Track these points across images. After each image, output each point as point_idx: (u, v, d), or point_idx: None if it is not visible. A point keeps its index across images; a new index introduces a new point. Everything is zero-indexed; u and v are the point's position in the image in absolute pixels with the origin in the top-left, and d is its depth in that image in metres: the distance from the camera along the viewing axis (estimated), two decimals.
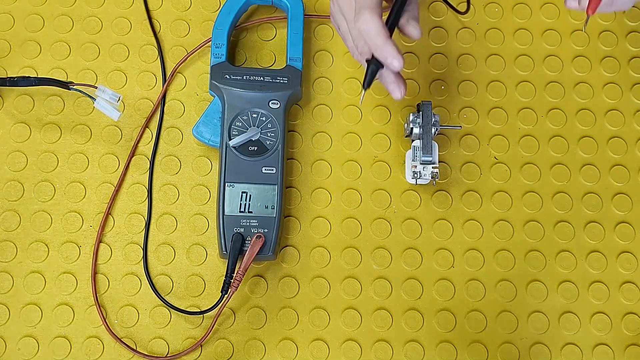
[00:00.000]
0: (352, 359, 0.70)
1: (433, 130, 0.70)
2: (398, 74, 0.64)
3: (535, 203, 0.75)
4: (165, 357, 0.69)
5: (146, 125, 0.75)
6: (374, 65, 0.63)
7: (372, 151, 0.75)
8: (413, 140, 0.71)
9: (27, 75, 0.72)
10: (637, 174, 0.76)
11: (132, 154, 0.74)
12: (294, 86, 0.73)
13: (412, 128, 0.71)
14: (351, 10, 0.63)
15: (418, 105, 0.72)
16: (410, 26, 0.63)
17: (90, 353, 0.69)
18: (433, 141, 0.70)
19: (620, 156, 0.77)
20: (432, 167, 0.70)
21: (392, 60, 0.60)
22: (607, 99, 0.78)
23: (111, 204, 0.72)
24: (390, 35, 0.62)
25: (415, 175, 0.70)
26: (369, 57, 0.63)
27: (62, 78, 0.75)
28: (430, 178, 0.70)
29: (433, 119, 0.70)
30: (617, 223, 0.75)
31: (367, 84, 0.63)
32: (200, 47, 0.77)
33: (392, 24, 0.63)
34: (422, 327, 0.71)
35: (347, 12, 0.63)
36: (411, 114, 0.71)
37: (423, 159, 0.70)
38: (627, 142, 0.77)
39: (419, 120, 0.70)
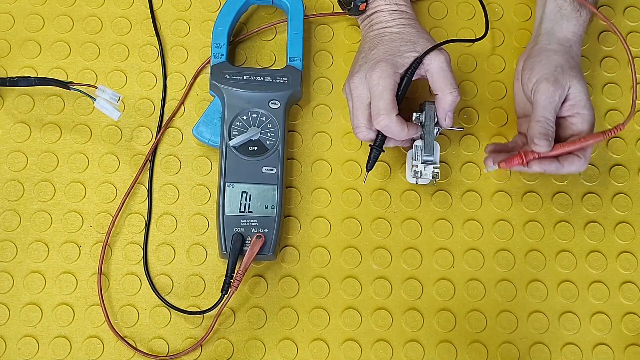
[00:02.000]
0: (352, 359, 0.70)
1: (435, 130, 0.70)
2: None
3: (535, 203, 0.75)
4: (166, 356, 0.69)
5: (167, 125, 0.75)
6: (376, 151, 0.69)
7: None
8: (414, 140, 0.71)
9: (27, 75, 0.72)
10: (637, 174, 0.76)
11: (152, 155, 0.74)
12: (294, 86, 0.73)
13: None
14: (362, 98, 0.68)
15: (420, 105, 0.72)
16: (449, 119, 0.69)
17: (90, 353, 0.69)
18: (435, 141, 0.70)
19: (620, 156, 0.77)
20: (433, 167, 0.70)
21: (410, 137, 0.69)
22: (607, 99, 0.78)
23: (121, 208, 0.72)
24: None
25: (416, 174, 0.70)
26: (373, 142, 0.69)
27: (62, 78, 0.75)
28: (430, 178, 0.70)
29: (436, 119, 0.70)
30: (617, 223, 0.75)
31: (370, 166, 0.70)
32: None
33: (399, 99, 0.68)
34: (422, 327, 0.71)
35: (356, 97, 0.69)
36: (414, 114, 0.71)
37: (425, 158, 0.70)
38: (627, 142, 0.77)
39: (422, 119, 0.70)
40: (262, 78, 0.73)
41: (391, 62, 0.67)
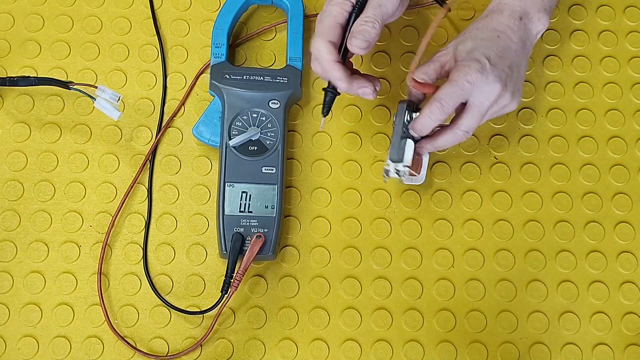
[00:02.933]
0: (352, 359, 0.70)
1: (405, 133, 0.68)
2: (367, 77, 0.66)
3: (535, 203, 0.75)
4: (165, 356, 0.69)
5: (167, 126, 0.75)
6: (331, 93, 0.66)
7: (372, 151, 0.75)
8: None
9: (27, 75, 0.72)
10: (637, 174, 0.76)
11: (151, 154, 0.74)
12: (294, 86, 0.73)
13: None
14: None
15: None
16: (354, 39, 0.63)
17: (90, 353, 0.69)
18: (409, 139, 0.67)
19: (620, 156, 0.77)
20: (403, 166, 0.67)
21: (337, 82, 0.64)
22: (607, 98, 0.78)
23: (120, 208, 0.72)
24: (344, 61, 0.65)
25: (385, 173, 0.69)
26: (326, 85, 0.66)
27: (62, 78, 0.75)
28: (397, 177, 0.68)
29: (405, 118, 0.68)
30: (617, 223, 0.75)
31: (326, 111, 0.67)
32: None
33: (343, 49, 0.65)
34: (422, 327, 0.71)
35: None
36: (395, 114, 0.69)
37: (390, 157, 0.68)
38: (627, 142, 0.77)
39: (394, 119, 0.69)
40: (262, 78, 0.73)
41: None
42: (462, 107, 0.66)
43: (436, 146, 0.68)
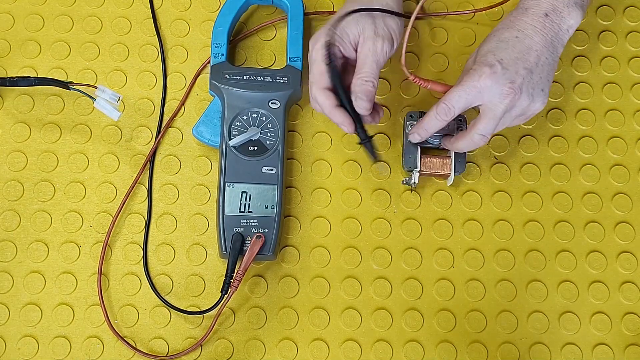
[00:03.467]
0: (352, 359, 0.70)
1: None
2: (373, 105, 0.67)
3: (535, 203, 0.75)
4: (165, 356, 0.69)
5: (168, 126, 0.75)
6: (368, 143, 0.67)
7: None
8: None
9: (27, 75, 0.72)
10: (637, 174, 0.76)
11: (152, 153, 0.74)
12: (294, 86, 0.73)
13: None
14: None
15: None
16: (359, 100, 0.65)
17: (90, 353, 0.69)
18: (417, 146, 0.72)
19: (620, 156, 0.77)
20: (416, 171, 0.72)
21: (342, 126, 0.66)
22: (607, 98, 0.78)
23: (121, 209, 0.72)
24: (343, 101, 0.66)
25: (405, 184, 0.74)
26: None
27: (62, 78, 0.75)
28: (417, 181, 0.73)
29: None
30: (617, 223, 0.75)
31: (375, 157, 0.68)
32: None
33: (342, 93, 0.66)
34: (422, 327, 0.71)
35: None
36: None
37: (404, 167, 0.73)
38: (627, 142, 0.77)
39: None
40: (262, 78, 0.73)
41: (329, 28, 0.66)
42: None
43: (455, 148, 0.69)
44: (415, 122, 0.73)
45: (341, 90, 0.66)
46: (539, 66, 0.66)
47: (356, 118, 0.66)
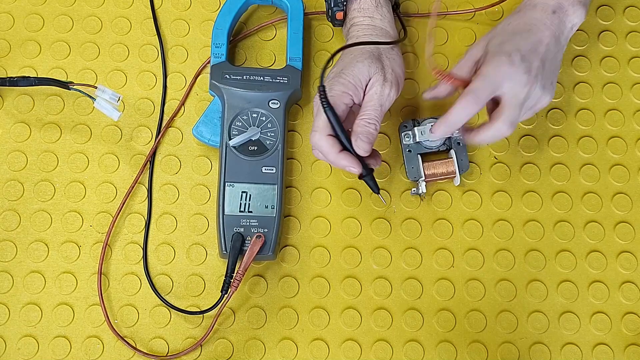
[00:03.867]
0: (352, 359, 0.70)
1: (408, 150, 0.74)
2: (373, 152, 0.68)
3: (535, 203, 0.75)
4: (165, 356, 0.69)
5: (167, 126, 0.75)
6: (369, 177, 0.67)
7: None
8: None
9: (27, 75, 0.72)
10: (637, 174, 0.76)
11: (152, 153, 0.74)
12: (294, 86, 0.73)
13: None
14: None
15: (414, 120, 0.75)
16: (359, 141, 0.65)
17: (90, 353, 0.69)
18: (417, 155, 0.73)
19: (620, 156, 0.77)
20: (421, 181, 0.73)
21: (350, 169, 0.66)
22: (607, 98, 0.78)
23: (121, 209, 0.72)
24: (344, 141, 0.66)
25: (414, 194, 0.74)
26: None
27: (62, 78, 0.75)
28: (425, 190, 0.73)
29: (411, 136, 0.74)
30: (617, 223, 0.75)
31: (377, 189, 0.68)
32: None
33: (340, 132, 0.66)
34: (422, 326, 0.71)
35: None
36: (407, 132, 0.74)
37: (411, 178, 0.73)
38: (627, 142, 0.77)
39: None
40: (262, 78, 0.73)
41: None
42: (494, 105, 0.66)
43: (480, 140, 0.68)
44: (410, 132, 0.73)
45: (339, 128, 0.65)
46: (549, 60, 0.66)
47: (356, 155, 0.66)
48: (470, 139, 0.68)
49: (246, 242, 0.68)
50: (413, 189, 0.73)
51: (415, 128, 0.73)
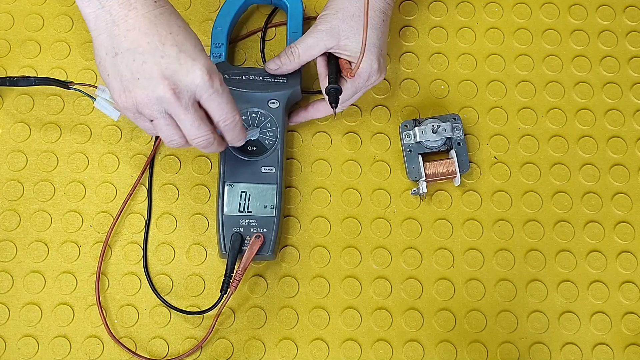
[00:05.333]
0: (352, 359, 0.70)
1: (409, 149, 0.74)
2: None
3: (535, 203, 0.75)
4: (165, 358, 0.69)
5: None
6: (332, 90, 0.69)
7: (372, 151, 0.75)
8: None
9: (27, 75, 0.72)
10: (637, 174, 0.76)
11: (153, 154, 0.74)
12: (293, 86, 0.73)
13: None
14: None
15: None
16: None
17: (90, 353, 0.69)
18: (418, 155, 0.73)
19: (620, 156, 0.77)
20: (422, 181, 0.73)
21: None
22: (607, 98, 0.78)
23: (123, 209, 0.72)
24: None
25: (414, 194, 0.74)
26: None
27: (62, 78, 0.75)
28: (425, 190, 0.73)
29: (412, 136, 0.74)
30: (616, 223, 0.74)
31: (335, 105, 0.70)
32: None
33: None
34: (422, 326, 0.71)
35: None
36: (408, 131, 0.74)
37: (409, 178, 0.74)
38: (627, 142, 0.77)
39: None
40: (261, 78, 0.73)
41: None
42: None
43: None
44: (410, 132, 0.74)
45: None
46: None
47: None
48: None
49: (245, 242, 0.68)
50: (413, 189, 0.73)
51: (416, 128, 0.73)
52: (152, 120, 0.60)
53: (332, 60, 0.71)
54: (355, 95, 0.72)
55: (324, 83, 0.71)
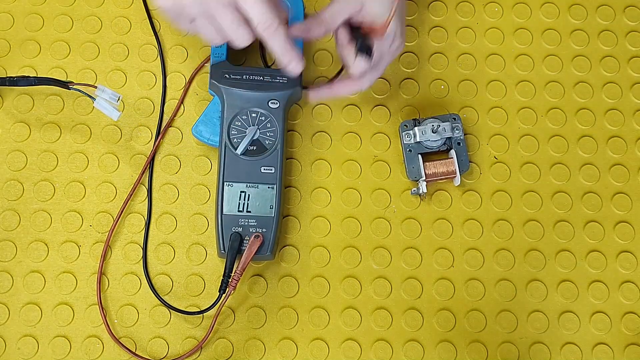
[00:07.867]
0: (352, 359, 0.70)
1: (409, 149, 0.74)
2: None
3: (535, 203, 0.75)
4: (164, 358, 0.69)
5: (168, 127, 0.75)
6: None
7: (372, 150, 0.75)
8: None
9: (26, 75, 0.72)
10: (636, 174, 0.76)
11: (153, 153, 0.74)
12: (293, 86, 0.73)
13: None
14: None
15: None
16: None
17: (90, 352, 0.69)
18: (418, 155, 0.73)
19: (620, 156, 0.77)
20: (422, 181, 0.73)
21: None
22: (606, 98, 0.78)
23: (123, 209, 0.72)
24: None
25: (414, 194, 0.74)
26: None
27: (62, 78, 0.75)
28: (425, 190, 0.73)
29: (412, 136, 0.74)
30: (616, 223, 0.74)
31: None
32: None
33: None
34: (422, 326, 0.71)
35: None
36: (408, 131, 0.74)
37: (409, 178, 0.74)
38: (626, 142, 0.77)
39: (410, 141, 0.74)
40: (261, 77, 0.73)
41: None
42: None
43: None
44: (410, 132, 0.74)
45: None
46: None
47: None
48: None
49: (244, 241, 0.68)
50: (413, 189, 0.73)
51: (416, 128, 0.73)
52: (192, 22, 0.62)
53: (354, 29, 0.69)
54: (380, 63, 0.70)
55: (345, 52, 0.69)
